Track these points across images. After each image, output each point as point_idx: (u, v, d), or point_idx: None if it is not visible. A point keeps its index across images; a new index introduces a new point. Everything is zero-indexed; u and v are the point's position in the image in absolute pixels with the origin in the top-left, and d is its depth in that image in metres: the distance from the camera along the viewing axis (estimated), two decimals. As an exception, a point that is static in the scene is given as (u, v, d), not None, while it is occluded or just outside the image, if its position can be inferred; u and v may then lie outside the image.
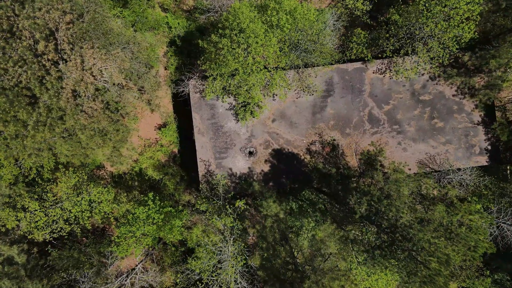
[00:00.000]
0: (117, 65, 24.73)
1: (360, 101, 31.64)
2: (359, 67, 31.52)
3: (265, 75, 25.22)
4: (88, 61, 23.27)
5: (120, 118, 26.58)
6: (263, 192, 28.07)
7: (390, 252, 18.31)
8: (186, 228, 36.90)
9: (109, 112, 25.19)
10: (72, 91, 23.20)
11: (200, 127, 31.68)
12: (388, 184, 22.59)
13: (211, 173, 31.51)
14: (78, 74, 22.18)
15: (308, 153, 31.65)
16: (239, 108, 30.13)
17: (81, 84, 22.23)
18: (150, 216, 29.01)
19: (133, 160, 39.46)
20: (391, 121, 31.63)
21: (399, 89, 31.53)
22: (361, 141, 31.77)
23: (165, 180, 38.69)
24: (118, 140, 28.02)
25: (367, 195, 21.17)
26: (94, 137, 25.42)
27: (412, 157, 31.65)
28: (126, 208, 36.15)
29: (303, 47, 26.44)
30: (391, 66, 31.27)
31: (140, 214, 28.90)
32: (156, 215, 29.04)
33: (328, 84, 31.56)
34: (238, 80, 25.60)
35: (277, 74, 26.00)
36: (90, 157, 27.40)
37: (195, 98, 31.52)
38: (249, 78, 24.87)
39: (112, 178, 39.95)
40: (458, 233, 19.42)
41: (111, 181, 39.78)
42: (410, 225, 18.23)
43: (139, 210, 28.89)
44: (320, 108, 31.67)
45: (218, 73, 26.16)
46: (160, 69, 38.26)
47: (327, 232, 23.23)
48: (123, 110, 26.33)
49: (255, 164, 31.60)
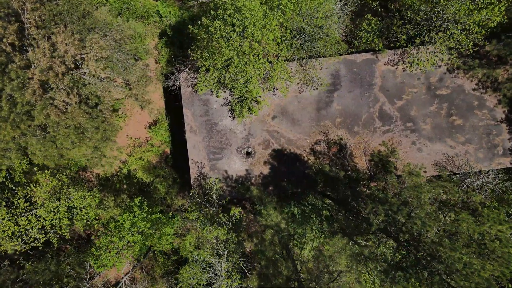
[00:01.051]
0: (95, 53, 21.56)
1: (370, 96, 28.48)
2: (368, 58, 28.35)
3: (265, 65, 22.03)
4: (60, 48, 20.11)
5: (100, 114, 23.42)
6: (262, 198, 24.91)
7: (415, 273, 15.19)
8: (179, 235, 33.81)
9: (85, 107, 22.03)
10: (41, 82, 20.05)
11: (192, 125, 28.52)
12: (406, 190, 19.40)
13: (204, 176, 28.35)
14: (46, 61, 19.03)
15: (312, 153, 28.47)
16: (235, 103, 26.98)
17: (50, 74, 19.07)
18: (136, 224, 25.85)
19: (121, 161, 36.52)
20: (405, 118, 28.45)
21: (413, 83, 28.35)
22: (371, 140, 28.59)
23: (156, 183, 35.60)
24: (99, 140, 24.85)
25: (384, 203, 18.00)
26: (70, 136, 22.27)
27: (428, 158, 28.46)
28: (114, 213, 33.12)
29: (308, 33, 23.25)
30: (405, 57, 28.09)
31: (124, 222, 25.73)
32: (142, 223, 25.87)
33: (334, 77, 28.40)
34: (234, 71, 22.41)
35: (278, 64, 22.82)
36: (66, 158, 24.27)
37: (187, 92, 28.37)
38: (246, 69, 21.67)
39: (99, 180, 36.94)
40: (493, 248, 16.25)
41: (97, 184, 36.76)
42: (439, 241, 15.11)
43: (123, 217, 25.73)
44: (325, 103, 28.50)
45: (211, 63, 22.96)
46: (151, 62, 35.20)
47: (337, 247, 20.09)
48: (103, 106, 23.16)
49: (253, 166, 28.44)
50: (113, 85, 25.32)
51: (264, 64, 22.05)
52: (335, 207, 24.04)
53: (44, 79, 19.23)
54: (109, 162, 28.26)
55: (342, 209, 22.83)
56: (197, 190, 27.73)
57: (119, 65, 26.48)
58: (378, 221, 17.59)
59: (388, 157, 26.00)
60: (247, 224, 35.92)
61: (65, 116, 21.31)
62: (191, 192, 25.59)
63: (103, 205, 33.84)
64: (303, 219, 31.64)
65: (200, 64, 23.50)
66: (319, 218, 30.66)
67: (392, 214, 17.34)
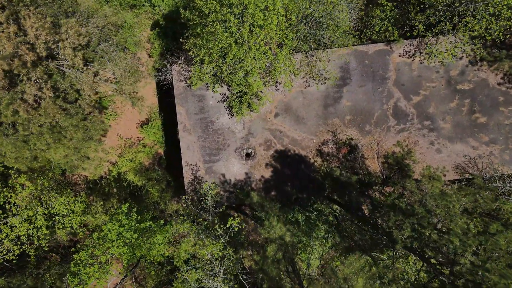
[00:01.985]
0: (72, 40, 18.71)
1: (383, 91, 25.64)
2: (382, 49, 25.51)
3: (267, 54, 19.18)
4: (30, 33, 17.26)
5: (79, 111, 20.58)
6: (263, 205, 22.09)
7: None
8: (172, 244, 31.00)
9: (62, 102, 19.19)
10: (6, 72, 17.21)
11: (185, 123, 25.68)
12: (431, 198, 16.56)
13: (199, 180, 25.51)
14: (10, 48, 16.18)
15: (319, 155, 25.62)
16: (234, 99, 24.15)
17: (15, 62, 16.23)
18: (122, 235, 23.02)
19: (110, 163, 33.78)
20: (422, 115, 25.61)
21: (432, 76, 25.51)
22: (384, 140, 25.75)
23: (148, 187, 32.79)
24: (80, 140, 22.01)
25: (409, 216, 15.16)
26: (44, 135, 19.43)
27: (448, 160, 25.61)
28: (102, 219, 30.35)
29: (316, 17, 20.41)
30: (422, 48, 25.25)
31: (108, 233, 22.91)
32: (129, 233, 23.03)
33: (343, 70, 25.56)
34: (231, 62, 19.56)
35: (282, 53, 19.97)
36: (41, 161, 21.46)
37: (180, 87, 25.52)
38: (245, 58, 18.83)
39: (87, 184, 34.15)
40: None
41: (85, 188, 33.97)
42: (482, 264, 12.31)
43: (108, 227, 22.92)
44: (333, 99, 25.67)
45: (206, 53, 20.10)
46: (143, 56, 32.40)
47: (355, 268, 17.28)
48: (83, 101, 20.31)
49: (254, 169, 25.60)
50: (99, 79, 22.49)
51: (267, 53, 19.19)
52: (346, 215, 21.21)
53: (8, 69, 16.38)
54: (94, 164, 25.40)
55: (355, 219, 20.00)
56: (191, 195, 24.91)
57: (105, 57, 23.66)
58: (403, 237, 14.80)
59: (403, 159, 23.19)
60: (247, 232, 33.11)
61: (37, 112, 18.46)
62: (183, 199, 22.75)
63: (89, 211, 31.14)
64: (308, 227, 28.86)
65: (193, 54, 20.64)
66: (328, 228, 27.86)
67: (419, 229, 14.53)
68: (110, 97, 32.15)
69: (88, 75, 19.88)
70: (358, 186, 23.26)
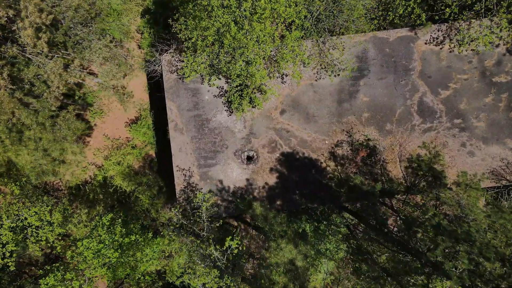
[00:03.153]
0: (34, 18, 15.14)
1: (406, 85, 22.10)
2: (405, 35, 21.97)
3: (273, 36, 15.61)
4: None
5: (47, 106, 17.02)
6: (267, 218, 18.57)
7: None
8: (166, 256, 27.50)
9: (21, 94, 15.63)
10: None
11: (177, 121, 22.14)
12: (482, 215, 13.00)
13: (193, 188, 21.97)
14: None
15: (333, 158, 22.07)
16: (233, 93, 20.61)
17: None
18: (101, 253, 19.48)
19: (96, 166, 30.36)
20: (452, 112, 22.06)
21: (463, 67, 21.96)
22: (407, 141, 22.20)
23: (138, 193, 29.25)
24: (51, 141, 18.46)
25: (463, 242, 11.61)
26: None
27: (482, 164, 22.05)
28: (84, 232, 26.92)
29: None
30: (452, 34, 21.71)
31: (84, 251, 19.38)
32: (109, 251, 19.49)
33: (361, 60, 22.02)
34: (230, 47, 15.98)
35: (292, 36, 16.38)
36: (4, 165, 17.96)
37: (171, 80, 21.98)
38: (247, 41, 15.26)
39: (69, 189, 30.69)
40: None
41: (67, 194, 30.51)
42: None
43: (84, 244, 19.38)
44: (349, 94, 22.12)
45: (199, 36, 16.53)
46: (133, 47, 28.91)
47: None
48: (50, 94, 16.75)
49: (256, 174, 22.05)
50: (74, 69, 18.92)
51: (273, 35, 15.62)
52: (369, 233, 17.63)
53: None
54: (71, 169, 21.89)
55: (380, 237, 16.42)
56: (183, 205, 21.38)
57: (83, 44, 20.11)
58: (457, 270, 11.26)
59: (431, 163, 19.65)
60: (248, 243, 29.59)
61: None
62: (173, 211, 19.23)
63: (73, 219, 27.70)
64: (317, 238, 25.38)
65: (183, 37, 17.05)
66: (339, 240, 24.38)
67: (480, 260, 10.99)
68: (95, 92, 28.75)
69: (56, 63, 16.31)
70: (379, 194, 19.72)
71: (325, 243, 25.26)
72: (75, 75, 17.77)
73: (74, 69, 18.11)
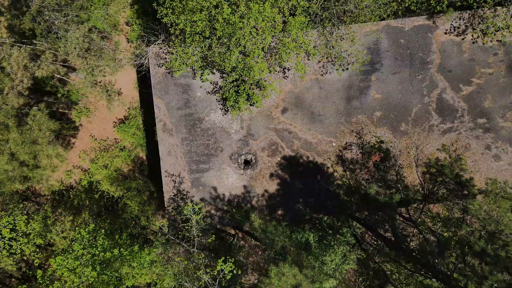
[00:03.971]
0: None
1: (423, 80, 19.68)
2: (422, 24, 19.54)
3: (274, 20, 13.17)
4: None
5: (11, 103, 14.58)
6: (266, 231, 16.16)
7: None
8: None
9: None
10: None
11: (166, 121, 19.71)
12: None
13: (183, 195, 19.54)
14: None
15: (341, 163, 19.62)
16: (229, 89, 18.17)
17: None
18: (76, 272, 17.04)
19: (82, 170, 28.14)
20: (475, 111, 19.62)
21: (488, 60, 19.53)
22: (425, 143, 19.77)
23: (127, 199, 26.86)
24: (19, 144, 16.02)
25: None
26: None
27: (509, 169, 19.60)
28: (63, 245, 24.74)
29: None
30: (475, 23, 19.26)
31: (58, 268, 16.96)
32: (87, 270, 17.06)
33: (372, 51, 19.59)
34: (223, 33, 13.52)
35: (296, 20, 13.94)
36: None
37: (158, 74, 19.57)
38: (242, 25, 12.81)
39: (53, 195, 28.43)
40: None
41: (51, 200, 28.22)
42: None
43: (57, 261, 16.96)
44: (359, 90, 19.69)
45: (188, 21, 14.09)
46: (122, 40, 26.58)
47: None
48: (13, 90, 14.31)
49: (255, 180, 19.60)
50: (45, 60, 16.49)
51: (274, 18, 13.17)
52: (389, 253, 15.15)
53: None
54: (46, 175, 19.49)
55: (400, 257, 13.92)
56: (172, 215, 18.95)
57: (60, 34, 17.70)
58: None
59: (451, 168, 17.20)
60: (247, 252, 27.15)
61: None
62: (157, 225, 16.81)
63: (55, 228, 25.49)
64: (322, 249, 23.01)
65: (168, 22, 14.61)
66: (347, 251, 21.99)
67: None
68: (81, 90, 26.48)
69: (21, 52, 13.90)
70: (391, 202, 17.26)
71: (330, 255, 22.95)
72: (45, 68, 15.36)
73: (45, 61, 15.69)
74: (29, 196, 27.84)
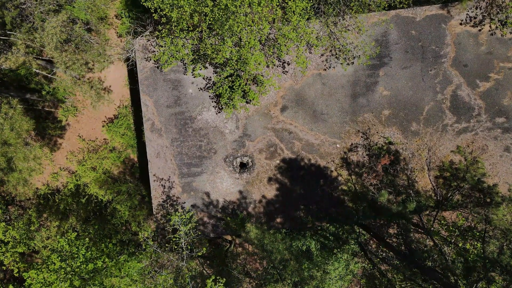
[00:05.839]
0: None
1: (436, 75, 17.98)
2: (435, 14, 17.84)
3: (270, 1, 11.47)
4: None
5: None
6: (262, 242, 14.50)
7: None
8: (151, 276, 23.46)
9: None
10: None
11: (154, 120, 18.02)
12: None
13: (173, 202, 17.84)
14: None
15: (346, 166, 17.91)
16: (223, 85, 16.47)
17: None
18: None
19: (69, 172, 26.66)
20: (493, 110, 17.93)
21: (507, 54, 17.84)
22: (438, 145, 18.06)
23: (116, 203, 25.25)
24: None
25: None
26: None
27: (531, 173, 17.90)
28: (44, 255, 23.14)
29: None
30: (493, 12, 17.56)
31: (34, 285, 15.30)
32: (64, 285, 15.39)
33: (380, 43, 17.90)
34: (214, 19, 11.80)
35: (295, 6, 12.24)
36: None
37: (146, 69, 17.88)
38: (236, 10, 11.10)
39: (38, 199, 26.90)
40: None
41: (35, 204, 26.67)
42: None
43: (31, 276, 15.30)
44: (365, 87, 18.00)
45: (174, 4, 12.39)
46: (111, 34, 24.95)
47: None
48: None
49: (251, 185, 17.90)
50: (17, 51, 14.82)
51: (271, 1, 11.46)
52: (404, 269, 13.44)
53: None
54: (21, 179, 17.83)
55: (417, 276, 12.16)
56: (162, 223, 17.25)
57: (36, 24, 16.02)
58: None
59: (467, 171, 15.55)
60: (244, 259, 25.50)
61: None
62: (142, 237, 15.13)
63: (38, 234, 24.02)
64: (324, 257, 21.40)
65: (152, 6, 12.91)
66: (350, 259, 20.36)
67: None
68: (68, 87, 24.96)
69: None
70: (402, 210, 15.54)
71: (333, 263, 21.35)
72: (14, 59, 13.69)
73: (16, 53, 14.01)
74: (11, 200, 26.32)
